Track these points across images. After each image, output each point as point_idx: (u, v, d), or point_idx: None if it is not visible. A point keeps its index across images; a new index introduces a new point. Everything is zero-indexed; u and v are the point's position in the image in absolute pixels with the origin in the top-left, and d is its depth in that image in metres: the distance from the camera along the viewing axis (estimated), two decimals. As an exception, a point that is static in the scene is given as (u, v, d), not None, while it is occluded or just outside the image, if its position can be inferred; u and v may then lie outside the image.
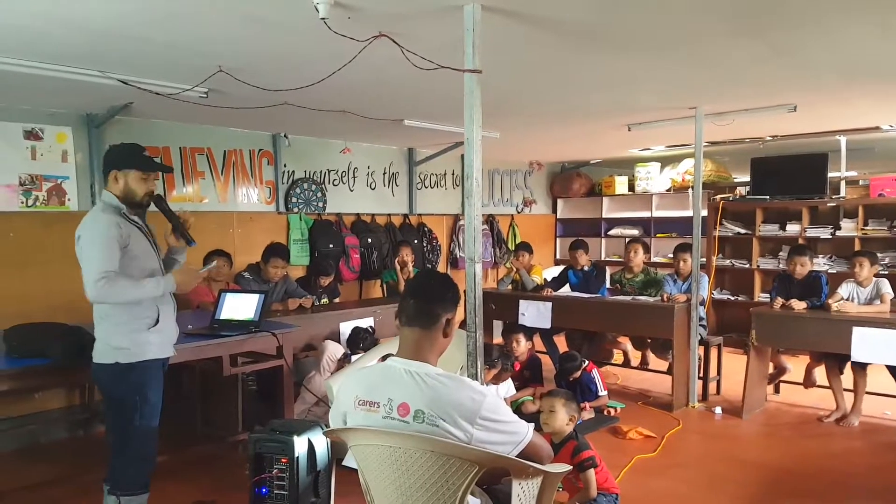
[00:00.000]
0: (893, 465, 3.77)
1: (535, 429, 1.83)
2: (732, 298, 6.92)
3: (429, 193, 7.03)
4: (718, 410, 4.74)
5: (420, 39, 2.81)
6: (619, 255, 7.13)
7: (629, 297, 5.21)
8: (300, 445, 2.55)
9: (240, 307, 3.74)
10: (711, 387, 5.17)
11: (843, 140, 6.19)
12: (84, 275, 2.46)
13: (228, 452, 3.89)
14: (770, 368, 5.02)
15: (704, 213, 6.15)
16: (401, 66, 3.01)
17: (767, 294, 5.40)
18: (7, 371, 2.84)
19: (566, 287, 5.80)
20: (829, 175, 6.27)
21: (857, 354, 4.16)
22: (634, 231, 7.98)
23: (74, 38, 2.88)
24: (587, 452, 2.78)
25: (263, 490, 2.59)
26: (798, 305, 4.50)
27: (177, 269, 2.61)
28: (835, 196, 6.40)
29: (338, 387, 2.43)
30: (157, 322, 2.63)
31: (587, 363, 4.74)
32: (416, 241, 6.63)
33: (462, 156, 3.05)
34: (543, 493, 1.84)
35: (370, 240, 6.23)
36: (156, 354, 2.64)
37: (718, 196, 7.00)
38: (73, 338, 2.88)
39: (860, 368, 4.41)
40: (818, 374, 4.88)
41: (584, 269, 5.75)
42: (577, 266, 5.77)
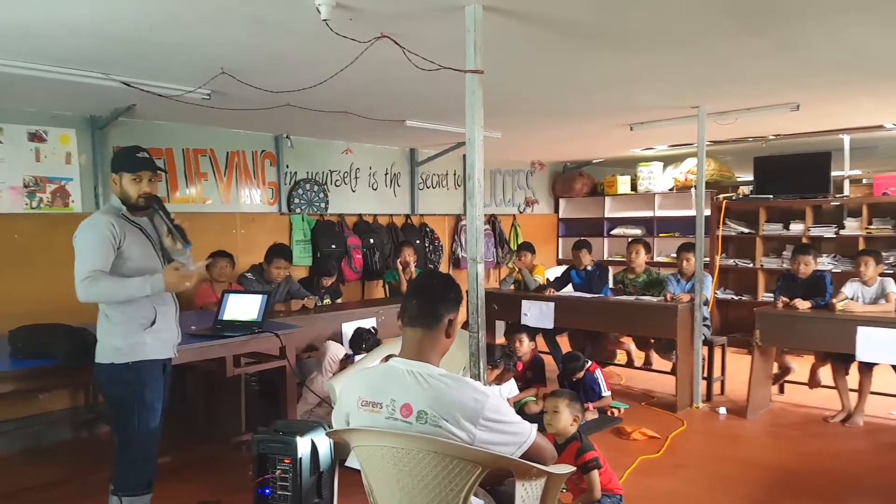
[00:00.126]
0: (898, 465, 3.76)
1: (539, 429, 1.83)
2: (736, 298, 6.91)
3: (431, 194, 7.03)
4: (723, 411, 4.73)
5: (421, 40, 2.81)
6: (622, 255, 7.12)
7: (632, 297, 5.20)
8: (303, 446, 2.55)
9: (243, 308, 3.75)
10: (715, 387, 5.16)
11: (847, 139, 6.17)
12: (75, 274, 2.50)
13: (232, 453, 3.89)
14: (774, 368, 5.01)
15: (707, 213, 6.14)
16: (402, 67, 3.01)
17: (771, 294, 5.38)
18: (12, 372, 2.85)
19: (569, 287, 5.79)
20: (833, 174, 6.26)
21: (862, 354, 4.15)
22: (637, 231, 7.95)
23: (78, 41, 2.89)
24: (591, 453, 2.78)
25: (267, 491, 2.59)
26: (802, 305, 4.49)
27: (167, 268, 2.58)
28: (838, 195, 6.38)
29: (340, 387, 2.43)
30: (154, 323, 2.63)
31: (590, 363, 4.73)
32: (419, 242, 6.63)
33: (464, 156, 3.05)
34: (547, 495, 1.84)
35: (372, 240, 6.23)
36: (152, 355, 2.64)
37: (721, 195, 6.98)
38: (78, 339, 2.89)
39: (866, 368, 4.39)
40: (823, 374, 4.87)
41: (587, 269, 5.74)
42: (580, 266, 5.76)
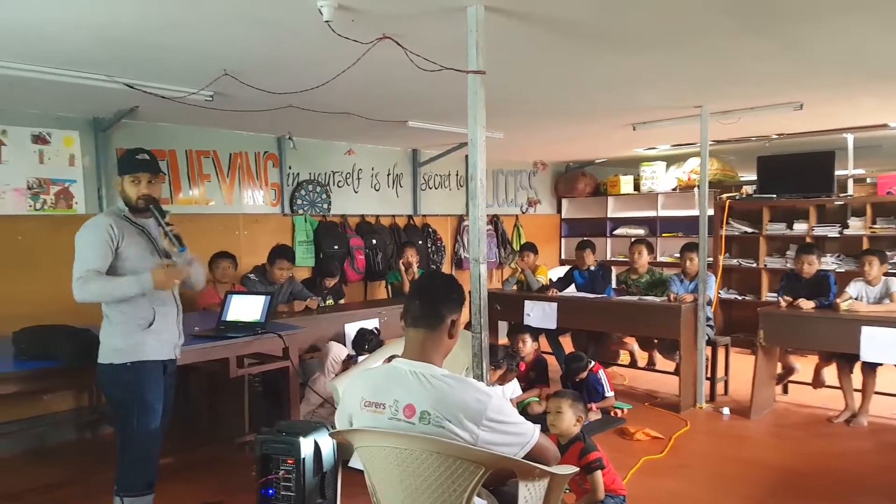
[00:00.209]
0: (903, 466, 3.75)
1: (542, 430, 1.83)
2: (740, 298, 6.89)
3: (433, 194, 7.03)
4: (726, 411, 4.72)
5: (424, 41, 2.81)
6: (625, 256, 7.12)
7: (635, 298, 5.19)
8: (306, 447, 2.56)
9: (246, 309, 3.75)
10: (719, 387, 5.15)
11: (851, 138, 6.16)
12: (73, 274, 2.54)
13: (235, 454, 3.90)
14: (778, 368, 4.99)
15: (711, 213, 6.14)
16: (405, 68, 3.02)
17: (775, 294, 5.37)
18: (15, 373, 2.86)
19: (571, 287, 5.78)
20: (837, 173, 6.25)
21: (867, 354, 4.14)
22: (640, 231, 7.94)
23: (81, 44, 2.90)
24: (594, 454, 2.77)
25: (270, 491, 2.60)
26: (806, 305, 4.48)
27: (156, 267, 2.59)
28: (842, 194, 6.37)
29: (343, 388, 2.43)
30: (153, 324, 2.64)
31: (593, 364, 4.72)
32: (421, 242, 6.63)
33: (466, 156, 3.05)
34: (550, 495, 1.83)
35: (375, 241, 6.23)
36: (151, 356, 2.64)
37: (725, 195, 6.97)
38: (81, 340, 2.90)
39: (870, 369, 4.38)
40: (827, 375, 4.86)
41: (591, 269, 5.73)
42: (583, 266, 5.75)
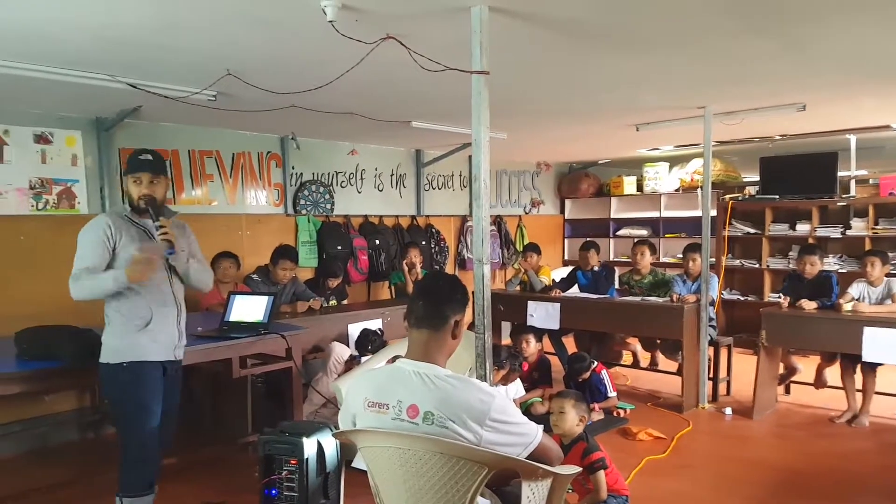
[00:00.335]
0: (906, 466, 3.74)
1: (545, 430, 1.83)
2: (742, 299, 6.88)
3: (436, 195, 7.03)
4: (729, 411, 4.71)
5: (427, 41, 2.81)
6: (628, 256, 7.11)
7: (638, 298, 5.19)
8: (309, 447, 2.56)
9: (249, 309, 3.75)
10: (721, 388, 5.15)
11: (853, 139, 6.15)
12: None
13: (238, 454, 3.90)
14: (780, 369, 4.99)
15: (714, 213, 6.12)
16: (408, 68, 3.01)
17: (778, 294, 5.36)
18: (18, 373, 2.86)
19: (574, 288, 5.78)
20: (839, 174, 6.24)
21: (869, 355, 4.13)
22: (643, 231, 7.93)
23: (84, 44, 2.90)
24: (597, 454, 2.77)
25: (273, 491, 2.60)
26: (808, 305, 4.47)
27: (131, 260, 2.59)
28: (845, 195, 6.36)
29: (346, 388, 2.43)
30: (150, 324, 2.64)
31: (596, 364, 4.72)
32: (424, 243, 6.63)
33: (469, 157, 3.05)
34: (553, 495, 1.83)
35: (378, 241, 6.23)
36: (147, 356, 2.63)
37: (728, 196, 6.96)
38: (83, 340, 2.89)
39: (869, 369, 4.38)
40: (829, 375, 4.85)
41: (594, 270, 5.73)
42: (587, 267, 5.75)
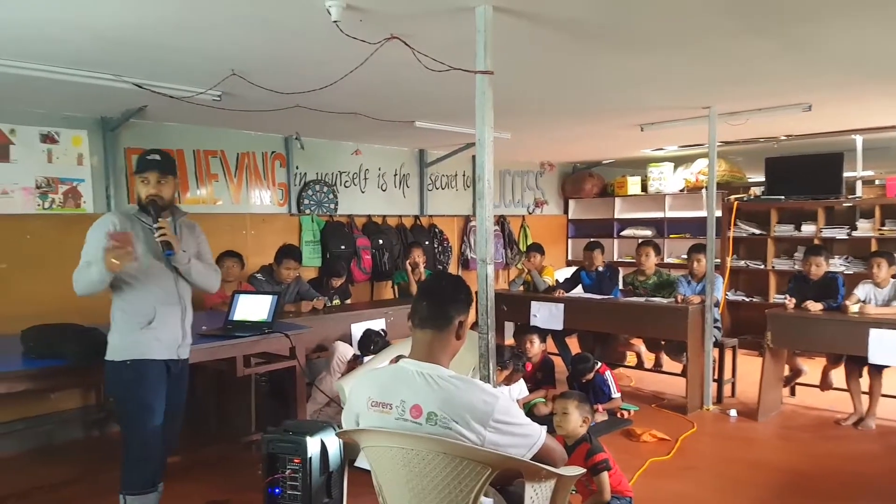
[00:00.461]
0: (912, 469, 3.72)
1: (548, 431, 1.83)
2: (747, 300, 6.86)
3: (440, 195, 7.03)
4: (733, 413, 4.70)
5: (431, 41, 2.81)
6: (632, 257, 7.09)
7: (642, 299, 5.18)
8: (313, 446, 2.56)
9: (253, 308, 3.76)
10: (726, 389, 5.12)
11: (859, 139, 6.12)
12: None
13: (242, 453, 3.91)
14: (786, 371, 4.97)
15: (718, 214, 6.10)
16: (412, 68, 3.01)
17: (783, 295, 5.34)
18: (23, 371, 2.87)
19: (578, 288, 5.77)
20: (845, 175, 6.21)
21: (875, 357, 4.11)
22: (647, 232, 7.90)
23: (90, 44, 2.91)
24: (601, 455, 2.77)
25: (276, 490, 2.60)
26: (814, 307, 4.45)
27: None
28: (851, 196, 6.33)
29: (350, 388, 2.43)
30: (152, 322, 2.65)
31: (600, 365, 4.71)
32: (427, 243, 6.62)
33: (473, 157, 3.05)
34: (557, 496, 1.83)
35: (381, 241, 6.24)
36: (150, 355, 2.64)
37: (732, 196, 6.94)
38: (89, 339, 2.91)
39: (876, 371, 4.36)
40: (835, 377, 4.83)
41: (598, 270, 5.72)
42: (592, 267, 5.74)
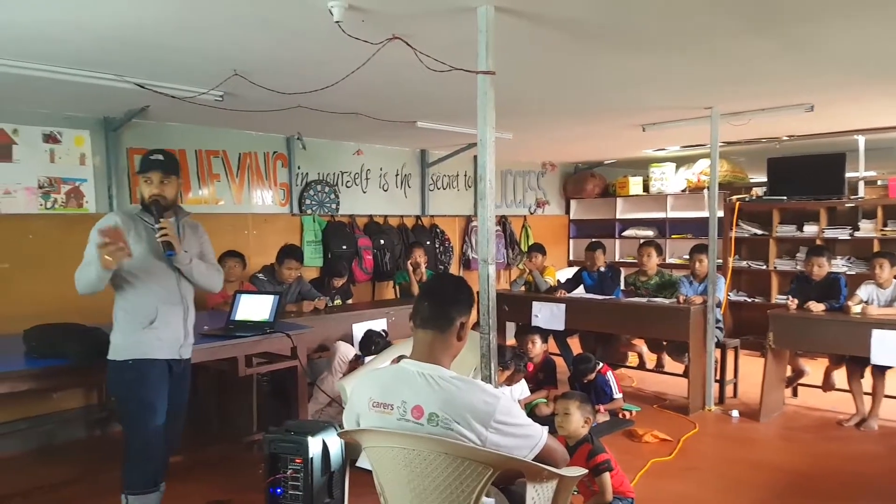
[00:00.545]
0: (914, 470, 3.71)
1: (550, 432, 1.82)
2: (749, 300, 6.85)
3: (441, 195, 7.03)
4: (735, 414, 4.69)
5: (433, 41, 2.81)
6: (634, 257, 7.09)
7: (644, 299, 5.17)
8: (314, 446, 2.56)
9: (255, 308, 3.76)
10: (728, 390, 5.12)
11: (862, 140, 6.11)
12: None
13: (243, 452, 3.91)
14: (788, 371, 4.96)
15: (720, 214, 6.09)
16: (414, 68, 3.02)
17: (785, 296, 5.34)
18: (26, 371, 2.88)
19: (580, 288, 5.77)
20: (848, 175, 6.19)
21: (877, 357, 4.11)
22: (649, 232, 7.89)
23: (92, 44, 2.92)
24: (602, 456, 2.77)
25: (278, 490, 2.60)
26: (816, 307, 4.45)
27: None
28: (853, 196, 6.31)
29: (351, 388, 2.43)
30: (154, 322, 2.65)
31: (601, 365, 4.71)
32: (429, 243, 6.62)
33: (475, 157, 3.05)
34: (558, 497, 1.83)
35: (383, 241, 6.24)
36: (152, 354, 2.64)
37: (734, 196, 6.93)
38: (91, 339, 2.91)
39: (879, 372, 4.35)
40: (837, 378, 4.82)
41: (600, 271, 5.72)
42: (593, 267, 5.73)
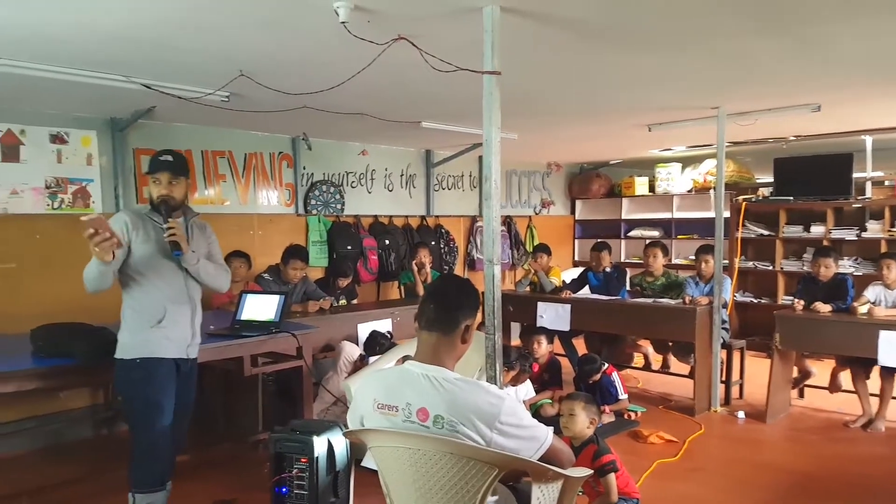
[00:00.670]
0: (922, 472, 3.69)
1: (555, 432, 1.82)
2: (755, 301, 6.82)
3: (446, 195, 7.03)
4: (741, 415, 4.67)
5: (439, 41, 2.81)
6: (639, 258, 7.07)
7: (650, 300, 5.16)
8: (320, 446, 2.57)
9: (260, 308, 3.77)
10: (734, 391, 5.10)
11: (869, 140, 6.08)
12: None
13: (249, 452, 3.92)
14: (794, 372, 4.94)
15: (727, 215, 6.06)
16: (419, 69, 3.02)
17: (791, 297, 5.31)
18: (33, 370, 2.89)
19: (585, 289, 5.76)
20: (855, 175, 6.15)
21: (884, 359, 4.08)
22: (655, 233, 7.87)
23: (99, 45, 2.93)
24: (608, 456, 2.76)
25: (283, 489, 2.61)
26: (823, 308, 4.42)
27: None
28: (860, 197, 6.28)
29: (355, 389, 2.44)
30: (162, 321, 2.66)
31: (607, 366, 4.70)
32: (434, 243, 6.63)
33: (479, 157, 3.05)
34: (564, 498, 1.83)
35: (388, 241, 6.24)
36: (159, 353, 2.65)
37: (741, 197, 6.90)
38: (98, 338, 2.92)
39: (887, 373, 4.32)
40: (844, 379, 4.79)
41: (605, 271, 5.70)
42: (599, 268, 5.72)
